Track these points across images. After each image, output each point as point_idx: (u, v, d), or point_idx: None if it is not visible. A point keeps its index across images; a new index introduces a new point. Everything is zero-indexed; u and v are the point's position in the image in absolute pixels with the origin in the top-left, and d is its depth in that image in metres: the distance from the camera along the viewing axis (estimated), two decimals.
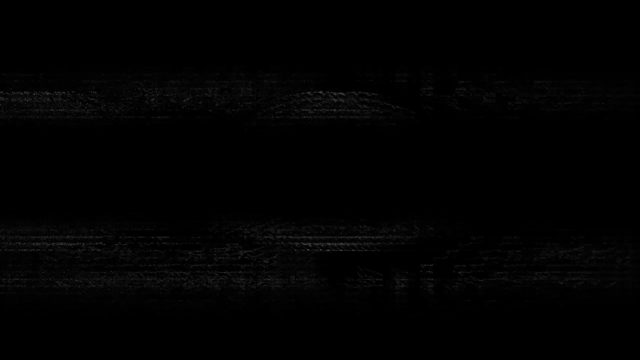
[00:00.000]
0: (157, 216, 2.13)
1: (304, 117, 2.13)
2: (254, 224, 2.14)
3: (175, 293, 2.14)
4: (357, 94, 2.13)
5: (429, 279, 2.14)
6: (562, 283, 2.14)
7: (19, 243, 2.12)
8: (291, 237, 2.14)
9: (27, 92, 2.11)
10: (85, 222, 2.13)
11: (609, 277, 2.14)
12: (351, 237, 2.15)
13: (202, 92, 2.12)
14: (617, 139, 2.12)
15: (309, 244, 2.14)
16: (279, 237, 2.14)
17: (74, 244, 2.13)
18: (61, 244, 2.13)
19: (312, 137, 2.12)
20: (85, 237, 2.13)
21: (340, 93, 2.13)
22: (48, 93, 2.11)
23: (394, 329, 2.14)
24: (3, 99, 2.10)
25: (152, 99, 2.12)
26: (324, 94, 2.13)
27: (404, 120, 2.11)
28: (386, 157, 2.12)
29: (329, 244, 2.15)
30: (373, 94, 2.13)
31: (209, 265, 2.15)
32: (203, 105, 2.12)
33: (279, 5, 2.13)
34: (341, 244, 2.15)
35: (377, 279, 2.14)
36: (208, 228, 2.13)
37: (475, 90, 2.12)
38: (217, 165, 2.12)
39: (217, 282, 2.15)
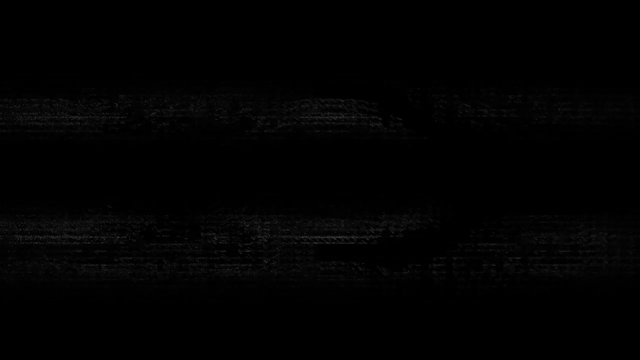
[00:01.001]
0: (159, 211, 2.16)
1: (303, 122, 2.16)
2: (255, 217, 2.16)
3: (177, 284, 2.16)
4: (356, 102, 2.15)
5: (422, 273, 2.16)
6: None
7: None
8: (294, 235, 2.17)
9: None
10: (95, 217, 2.15)
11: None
12: (351, 233, 2.17)
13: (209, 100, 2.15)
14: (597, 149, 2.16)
15: (309, 238, 2.17)
16: (282, 234, 2.17)
17: (82, 236, 2.15)
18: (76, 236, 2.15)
19: (316, 142, 2.15)
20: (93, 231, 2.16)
21: (340, 99, 2.15)
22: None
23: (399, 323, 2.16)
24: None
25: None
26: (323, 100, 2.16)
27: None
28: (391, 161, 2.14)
29: (329, 237, 2.17)
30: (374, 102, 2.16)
31: (210, 258, 2.17)
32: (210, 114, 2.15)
33: (280, 13, 2.15)
34: (341, 240, 2.18)
35: (374, 272, 2.16)
36: (210, 221, 2.16)
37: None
38: (221, 166, 2.15)
39: (218, 274, 2.17)
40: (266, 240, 2.16)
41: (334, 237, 2.16)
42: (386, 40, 2.15)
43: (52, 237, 2.14)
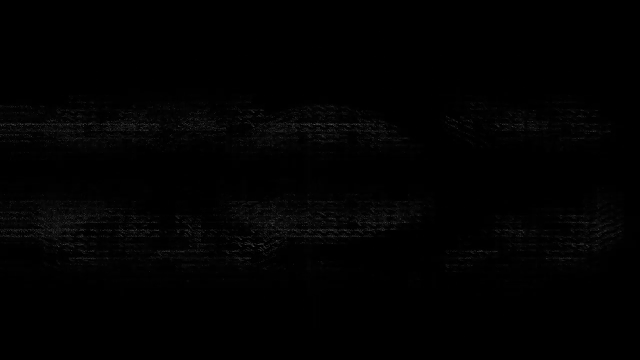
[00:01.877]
0: (160, 210, 2.19)
1: (302, 124, 2.19)
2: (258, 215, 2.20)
3: (178, 281, 2.19)
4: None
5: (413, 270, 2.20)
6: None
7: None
8: (295, 235, 2.20)
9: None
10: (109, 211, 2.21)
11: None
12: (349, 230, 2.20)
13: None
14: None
15: (308, 238, 2.20)
16: (282, 233, 2.20)
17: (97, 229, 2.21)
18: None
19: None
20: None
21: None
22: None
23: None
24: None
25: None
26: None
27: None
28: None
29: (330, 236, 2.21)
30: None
31: (213, 251, 2.20)
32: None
33: (292, 21, 2.19)
34: (340, 239, 2.20)
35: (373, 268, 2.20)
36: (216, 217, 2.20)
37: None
38: (222, 166, 2.19)
39: (219, 268, 2.20)
40: (266, 239, 2.19)
41: (334, 237, 2.18)
42: (381, 45, 2.18)
43: (58, 235, 2.20)
